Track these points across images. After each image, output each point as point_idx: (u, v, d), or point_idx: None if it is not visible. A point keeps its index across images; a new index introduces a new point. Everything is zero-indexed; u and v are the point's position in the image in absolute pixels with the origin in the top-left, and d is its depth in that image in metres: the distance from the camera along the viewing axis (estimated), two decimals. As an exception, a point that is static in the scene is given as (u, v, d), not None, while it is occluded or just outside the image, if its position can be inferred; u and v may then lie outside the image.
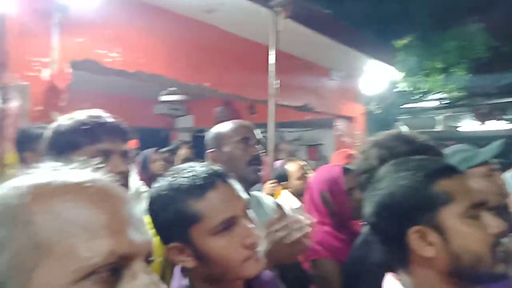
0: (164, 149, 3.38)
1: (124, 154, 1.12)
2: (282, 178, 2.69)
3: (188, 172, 0.81)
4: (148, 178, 2.71)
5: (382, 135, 1.15)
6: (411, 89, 5.72)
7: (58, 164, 0.51)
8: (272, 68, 2.51)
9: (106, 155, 1.07)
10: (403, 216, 0.76)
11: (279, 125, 2.77)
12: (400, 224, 0.77)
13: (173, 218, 0.78)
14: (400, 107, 6.37)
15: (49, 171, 0.49)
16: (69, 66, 2.25)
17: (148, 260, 0.49)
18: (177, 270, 0.88)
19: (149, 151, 3.00)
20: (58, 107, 2.18)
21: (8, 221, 0.43)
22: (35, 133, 1.59)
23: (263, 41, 2.84)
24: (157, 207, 0.80)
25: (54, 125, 1.10)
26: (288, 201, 2.60)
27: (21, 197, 0.44)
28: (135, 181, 2.04)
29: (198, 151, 5.08)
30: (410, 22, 5.57)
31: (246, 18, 2.96)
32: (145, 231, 0.50)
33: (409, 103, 6.38)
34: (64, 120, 1.09)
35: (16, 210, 0.43)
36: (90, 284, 0.42)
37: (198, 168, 0.82)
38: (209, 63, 3.12)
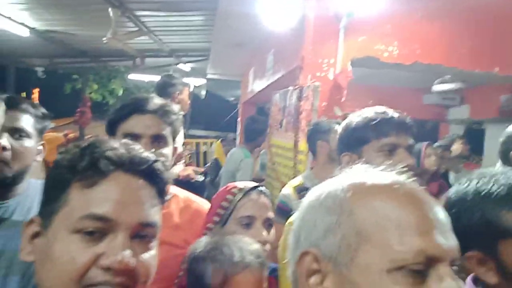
0: (437, 143, 3.15)
1: (409, 148, 1.14)
2: None
3: (503, 179, 0.73)
4: (419, 173, 2.62)
5: None
6: None
7: (367, 166, 0.59)
8: None
9: (392, 149, 1.12)
10: None
11: None
12: None
13: (479, 226, 0.73)
14: None
15: (362, 172, 0.57)
16: (350, 64, 2.46)
17: (452, 266, 0.50)
18: (469, 280, 0.82)
19: (422, 145, 2.86)
20: (340, 102, 2.44)
21: (337, 210, 0.53)
22: (326, 126, 1.89)
23: None
24: (459, 211, 0.76)
25: (345, 121, 1.24)
26: None
27: (345, 192, 0.54)
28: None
29: (475, 147, 4.45)
30: None
31: None
32: (451, 236, 0.51)
33: None
34: (353, 117, 1.21)
35: (342, 202, 0.53)
36: (401, 276, 0.47)
37: None
38: (502, 43, 2.63)
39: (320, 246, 0.53)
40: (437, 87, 4.48)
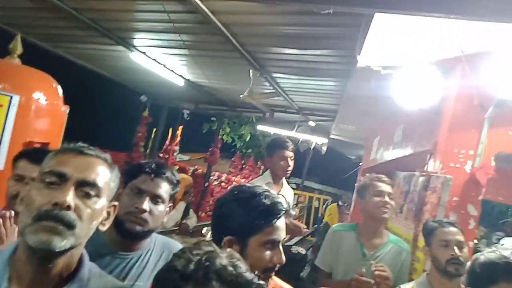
0: None
1: None
2: None
3: None
4: None
5: None
6: None
7: None
8: None
9: None
10: None
11: None
12: None
13: None
14: None
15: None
16: (494, 159, 2.13)
17: None
18: None
19: None
20: (475, 201, 2.11)
21: None
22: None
23: None
24: None
25: (475, 255, 1.08)
26: None
27: None
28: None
29: None
30: None
31: None
32: None
33: None
34: (486, 252, 1.04)
35: None
36: None
37: None
38: None
39: None
40: None
